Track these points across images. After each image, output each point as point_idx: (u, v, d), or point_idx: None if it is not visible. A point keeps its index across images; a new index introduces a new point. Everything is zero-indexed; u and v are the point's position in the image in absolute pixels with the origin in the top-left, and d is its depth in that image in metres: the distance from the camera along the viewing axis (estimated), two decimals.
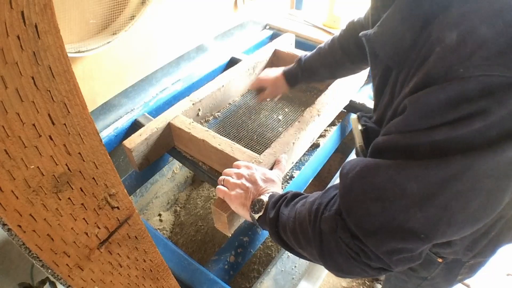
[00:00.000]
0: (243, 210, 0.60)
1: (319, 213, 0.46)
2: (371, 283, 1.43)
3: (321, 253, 0.45)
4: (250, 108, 1.07)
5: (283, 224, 0.52)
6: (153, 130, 0.86)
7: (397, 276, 0.80)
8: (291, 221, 0.51)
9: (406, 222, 0.37)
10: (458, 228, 0.37)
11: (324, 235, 0.44)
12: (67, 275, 0.31)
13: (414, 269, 0.72)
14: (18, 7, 0.19)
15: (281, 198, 0.56)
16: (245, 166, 0.67)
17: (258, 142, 0.94)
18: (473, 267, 0.66)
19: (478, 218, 0.37)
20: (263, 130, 0.99)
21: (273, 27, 1.53)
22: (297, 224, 0.49)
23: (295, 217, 0.50)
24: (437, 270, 0.68)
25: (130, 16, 0.91)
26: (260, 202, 0.57)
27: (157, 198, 1.56)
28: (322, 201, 0.47)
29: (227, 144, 0.79)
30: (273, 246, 1.42)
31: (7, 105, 0.21)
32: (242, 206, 0.60)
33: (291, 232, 0.51)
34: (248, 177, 0.63)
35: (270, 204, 0.56)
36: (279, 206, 0.54)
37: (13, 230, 0.25)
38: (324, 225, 0.44)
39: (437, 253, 0.64)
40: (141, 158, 0.87)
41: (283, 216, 0.52)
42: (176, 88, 1.18)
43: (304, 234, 0.48)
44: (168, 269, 0.45)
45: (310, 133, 0.90)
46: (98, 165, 0.29)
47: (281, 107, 1.08)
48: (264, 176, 0.64)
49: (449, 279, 0.69)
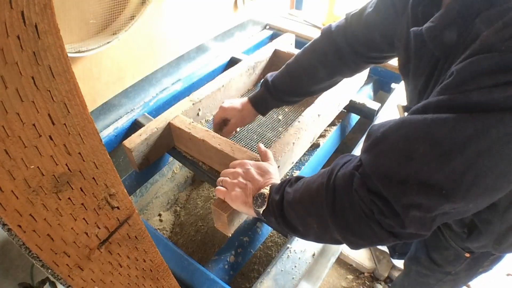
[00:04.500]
0: (246, 208, 0.61)
1: (334, 172, 0.47)
2: (371, 283, 1.43)
3: (332, 211, 0.46)
4: None
5: (288, 201, 0.53)
6: (153, 130, 0.86)
7: (418, 271, 0.80)
8: (298, 193, 0.52)
9: (432, 175, 0.38)
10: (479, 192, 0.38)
11: (337, 192, 0.46)
12: (67, 275, 0.31)
13: (439, 264, 0.73)
14: (18, 7, 0.19)
15: (285, 182, 0.57)
16: (240, 164, 0.67)
17: (258, 142, 0.94)
18: (495, 259, 0.67)
19: (498, 188, 0.38)
20: (263, 130, 0.99)
21: (273, 27, 1.53)
22: (304, 192, 0.50)
23: (302, 188, 0.51)
24: (463, 265, 0.69)
25: (130, 16, 0.91)
26: (262, 196, 0.58)
27: (157, 198, 1.56)
28: (337, 163, 0.49)
29: (227, 144, 0.79)
30: (273, 246, 1.42)
31: (7, 105, 0.21)
32: (244, 204, 0.61)
33: (297, 202, 0.51)
34: (245, 174, 0.64)
35: (273, 191, 0.57)
36: (283, 188, 0.55)
37: (13, 230, 0.25)
38: (339, 181, 0.46)
39: (466, 248, 0.65)
40: (141, 158, 0.87)
41: (288, 195, 0.53)
42: (176, 88, 1.18)
43: (313, 198, 0.49)
44: (168, 269, 0.45)
45: (310, 133, 0.90)
46: (98, 165, 0.29)
47: (281, 107, 1.07)
48: (259, 169, 0.64)
49: (470, 273, 0.70)
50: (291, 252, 0.73)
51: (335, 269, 1.49)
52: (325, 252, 0.79)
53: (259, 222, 0.85)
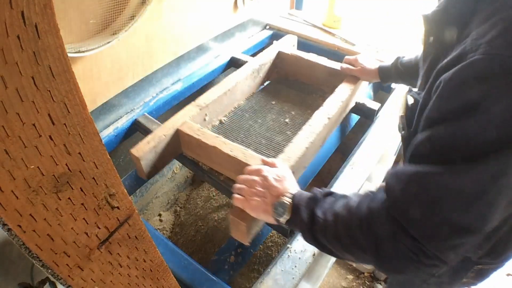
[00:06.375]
0: (266, 216, 0.60)
1: (374, 218, 0.47)
2: (371, 283, 1.43)
3: (377, 258, 0.47)
4: (256, 111, 1.05)
5: (321, 228, 0.52)
6: (161, 137, 0.83)
7: None
8: (332, 225, 0.51)
9: (460, 220, 0.41)
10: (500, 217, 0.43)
11: (380, 240, 0.46)
12: (67, 275, 0.31)
13: None
14: (18, 7, 0.19)
15: (311, 199, 0.56)
16: (256, 170, 0.66)
17: (267, 147, 0.91)
18: (480, 273, 0.67)
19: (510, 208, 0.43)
20: (271, 134, 0.96)
21: (273, 27, 1.53)
22: (341, 229, 0.50)
23: (337, 221, 0.51)
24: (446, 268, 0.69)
25: (130, 16, 0.91)
26: (283, 205, 0.57)
27: (157, 198, 1.56)
28: (373, 206, 0.48)
29: (239, 150, 0.77)
30: (273, 246, 1.42)
31: (7, 105, 0.21)
32: (264, 213, 0.60)
33: (333, 237, 0.51)
34: (262, 182, 0.63)
35: (299, 206, 0.56)
36: (312, 208, 0.54)
37: (13, 230, 0.25)
38: (381, 230, 0.46)
39: None
40: (149, 167, 0.84)
41: (319, 219, 0.53)
42: (176, 88, 1.18)
43: (352, 239, 0.49)
44: (168, 269, 0.45)
45: (322, 136, 0.89)
46: (98, 165, 0.29)
47: (287, 110, 1.06)
48: (276, 176, 0.63)
49: (454, 279, 0.70)
50: (291, 252, 0.73)
51: (335, 269, 1.49)
52: None
53: None
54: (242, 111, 1.05)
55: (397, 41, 1.42)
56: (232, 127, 0.99)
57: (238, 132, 0.97)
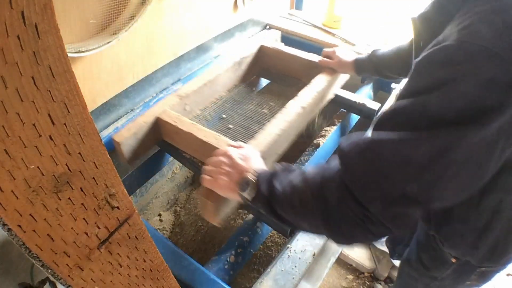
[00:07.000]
0: (233, 194, 0.61)
1: (324, 184, 0.49)
2: (371, 283, 1.43)
3: (325, 222, 0.48)
4: (236, 102, 1.10)
5: (278, 199, 0.54)
6: (141, 124, 0.88)
7: (409, 273, 0.82)
8: (288, 196, 0.53)
9: (407, 190, 0.41)
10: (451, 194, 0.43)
11: (329, 205, 0.48)
12: (67, 275, 0.31)
13: (427, 267, 0.74)
14: (18, 7, 0.19)
15: (271, 174, 0.57)
16: (223, 152, 0.67)
17: (244, 135, 0.96)
18: (483, 275, 0.68)
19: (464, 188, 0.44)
20: (249, 123, 1.01)
21: (273, 27, 1.53)
22: (296, 199, 0.52)
23: (293, 192, 0.52)
24: (449, 271, 0.69)
25: (130, 16, 0.91)
26: (246, 181, 0.59)
27: (157, 198, 1.56)
28: (325, 173, 0.50)
29: (212, 136, 0.81)
30: (273, 246, 1.42)
31: (7, 105, 0.21)
32: (230, 191, 0.61)
33: (289, 206, 0.53)
34: (228, 161, 0.64)
35: (260, 181, 0.57)
36: (271, 182, 0.56)
37: (13, 230, 0.25)
38: (330, 196, 0.48)
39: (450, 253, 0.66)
40: (130, 152, 0.88)
41: (276, 191, 0.54)
42: (176, 88, 1.18)
43: (304, 206, 0.50)
44: (168, 269, 0.45)
45: (294, 124, 0.92)
46: (98, 165, 0.29)
47: (267, 101, 1.10)
48: (241, 155, 0.65)
49: (457, 282, 0.70)
50: (291, 252, 0.73)
51: (335, 269, 1.49)
52: (325, 252, 0.79)
53: (259, 222, 0.85)
54: (223, 102, 1.09)
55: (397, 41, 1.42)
56: (212, 116, 1.04)
57: (217, 121, 1.02)
